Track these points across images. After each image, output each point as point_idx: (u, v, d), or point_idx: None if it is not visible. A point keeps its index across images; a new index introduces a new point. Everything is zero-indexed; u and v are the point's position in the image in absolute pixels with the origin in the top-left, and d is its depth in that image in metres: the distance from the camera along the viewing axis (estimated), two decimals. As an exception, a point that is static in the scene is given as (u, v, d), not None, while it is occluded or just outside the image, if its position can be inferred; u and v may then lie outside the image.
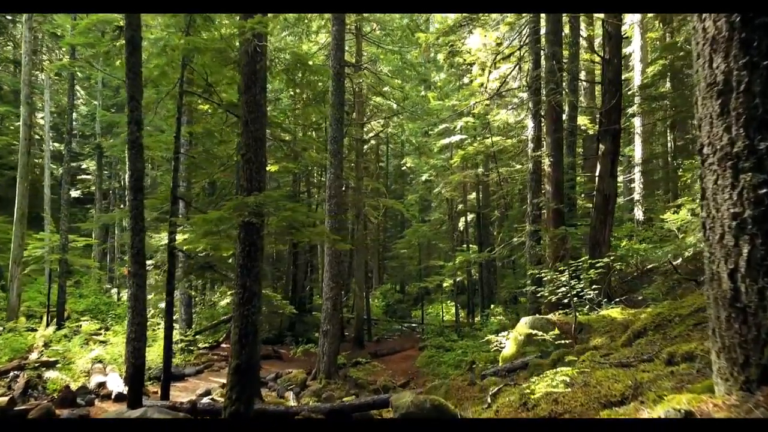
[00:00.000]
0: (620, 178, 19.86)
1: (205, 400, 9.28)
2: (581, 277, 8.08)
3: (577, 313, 8.20)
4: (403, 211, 24.39)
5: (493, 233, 25.65)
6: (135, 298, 7.68)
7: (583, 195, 18.96)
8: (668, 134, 22.61)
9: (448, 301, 27.95)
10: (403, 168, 36.03)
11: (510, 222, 20.02)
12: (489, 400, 5.65)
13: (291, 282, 25.08)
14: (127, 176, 8.29)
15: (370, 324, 23.07)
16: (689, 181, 19.34)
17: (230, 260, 9.67)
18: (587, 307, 8.71)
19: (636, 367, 4.49)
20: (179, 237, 9.73)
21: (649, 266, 16.16)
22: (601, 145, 11.84)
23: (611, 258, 8.25)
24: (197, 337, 16.41)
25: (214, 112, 11.03)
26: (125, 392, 10.52)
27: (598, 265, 7.92)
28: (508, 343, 8.48)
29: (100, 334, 14.97)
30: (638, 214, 22.94)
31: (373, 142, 27.24)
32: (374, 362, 16.14)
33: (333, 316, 13.41)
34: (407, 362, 17.84)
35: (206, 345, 16.08)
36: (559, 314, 8.98)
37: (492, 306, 25.42)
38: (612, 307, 8.71)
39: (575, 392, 4.27)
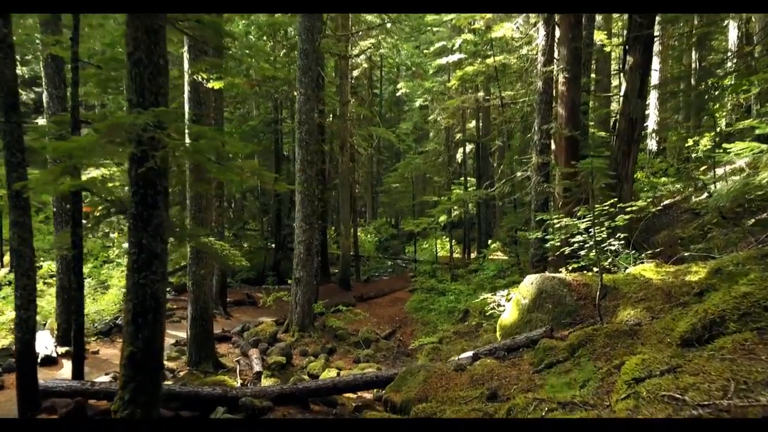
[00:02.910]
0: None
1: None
2: (604, 223, 6.17)
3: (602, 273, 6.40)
4: (393, 141, 22.18)
5: (493, 165, 23.61)
6: (19, 255, 5.81)
7: (594, 122, 16.79)
8: (693, 51, 20.02)
9: (443, 237, 26.35)
10: (398, 94, 33.20)
11: (512, 153, 17.92)
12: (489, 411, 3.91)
13: (275, 217, 23.28)
14: None
15: (358, 263, 21.53)
16: (725, 105, 17.09)
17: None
18: (608, 260, 6.88)
19: None
20: (95, 173, 7.76)
21: (665, 202, 14.28)
22: (628, 57, 9.59)
23: (649, 200, 6.30)
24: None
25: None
26: (55, 355, 8.97)
27: (630, 209, 6.00)
28: (508, 307, 6.73)
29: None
30: (651, 144, 20.79)
31: (365, 65, 24.55)
32: (357, 309, 14.63)
33: (307, 261, 11.67)
34: (396, 306, 16.37)
35: (168, 290, 14.43)
36: (569, 270, 7.18)
37: (490, 243, 23.85)
38: (642, 262, 6.89)
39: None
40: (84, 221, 7.23)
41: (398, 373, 5.57)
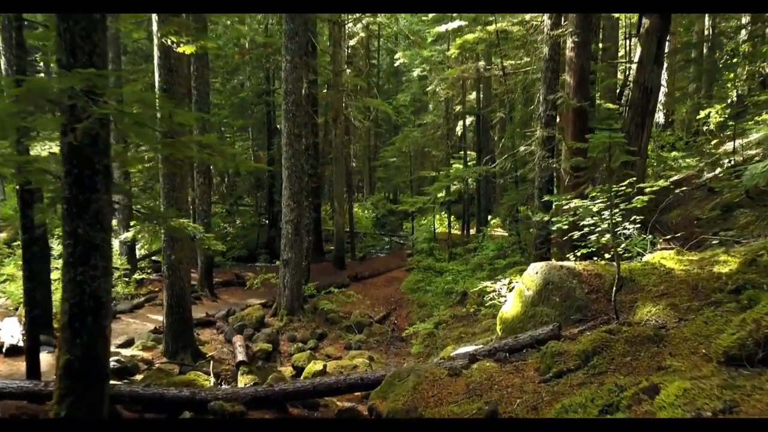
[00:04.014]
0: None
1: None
2: (620, 205, 5.43)
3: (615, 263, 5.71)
4: (390, 114, 21.27)
5: (494, 138, 22.74)
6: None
7: (600, 93, 15.88)
8: (706, 17, 18.96)
9: (442, 212, 25.62)
10: (396, 65, 31.97)
11: (514, 126, 17.06)
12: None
13: (268, 193, 22.50)
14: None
15: (353, 240, 20.88)
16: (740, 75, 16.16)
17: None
18: (622, 246, 6.15)
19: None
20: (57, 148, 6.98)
21: (674, 177, 13.51)
22: (644, 20, 8.71)
23: (669, 182, 5.57)
24: (141, 263, 14.06)
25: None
26: (21, 344, 8.34)
27: (650, 189, 5.26)
28: (510, 298, 6.05)
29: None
30: (658, 116, 19.89)
31: (362, 34, 23.43)
32: (351, 290, 14.02)
33: (295, 242, 10.98)
34: (391, 286, 15.77)
35: (150, 271, 13.75)
36: (577, 257, 6.49)
37: (489, 219, 23.15)
38: (660, 248, 6.19)
39: None
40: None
41: (386, 375, 4.92)
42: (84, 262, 3.84)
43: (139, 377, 7.08)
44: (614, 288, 4.54)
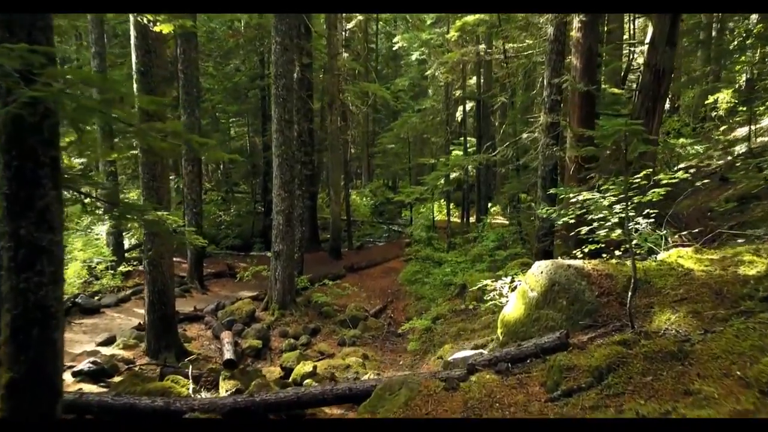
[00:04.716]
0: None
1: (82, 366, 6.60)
2: (633, 199, 4.94)
3: (626, 262, 5.25)
4: (388, 99, 20.66)
5: (495, 124, 22.17)
6: None
7: (605, 76, 15.28)
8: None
9: (441, 200, 25.10)
10: (395, 48, 31.18)
11: (515, 111, 16.48)
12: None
13: (263, 180, 21.96)
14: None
15: (350, 229, 20.40)
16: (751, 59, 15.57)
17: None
18: (633, 242, 5.67)
19: None
20: None
21: (680, 165, 12.99)
22: (657, -3, 8.12)
23: (689, 172, 5.08)
24: (133, 252, 13.60)
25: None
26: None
27: (666, 180, 4.77)
28: (512, 299, 5.59)
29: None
30: (664, 101, 19.20)
31: (359, 16, 22.71)
32: (347, 281, 13.58)
33: (287, 233, 10.51)
34: (388, 277, 15.34)
35: (137, 263, 13.27)
36: (585, 254, 6.02)
37: (490, 206, 22.67)
38: (673, 244, 5.71)
39: None
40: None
41: (376, 387, 4.47)
42: (29, 267, 3.38)
43: (117, 379, 6.66)
44: (630, 292, 4.07)
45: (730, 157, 12.10)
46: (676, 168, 12.75)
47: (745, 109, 15.85)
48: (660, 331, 3.92)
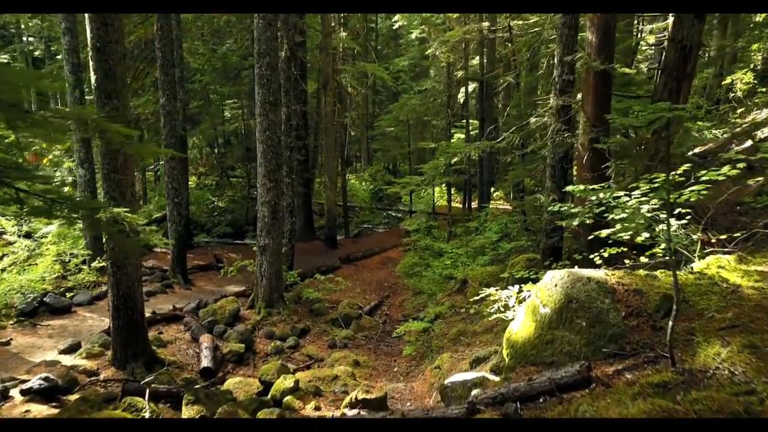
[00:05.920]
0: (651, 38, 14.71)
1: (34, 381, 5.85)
2: (660, 197, 4.08)
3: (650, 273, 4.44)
4: (386, 79, 19.68)
5: (498, 106, 21.17)
6: None
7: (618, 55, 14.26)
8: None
9: (442, 185, 24.23)
10: (395, 27, 29.98)
11: (521, 93, 15.52)
12: None
13: (256, 166, 21.07)
14: None
15: (347, 216, 19.59)
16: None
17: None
18: (673, 249, 4.83)
19: None
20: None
21: (695, 150, 12.08)
22: (684, -38, 7.16)
23: (736, 165, 4.21)
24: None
25: None
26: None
27: (707, 177, 3.92)
28: (520, 314, 4.79)
29: None
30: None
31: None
32: (340, 275, 12.81)
33: (273, 226, 9.71)
34: (385, 269, 14.60)
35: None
36: (601, 259, 5.18)
37: (492, 191, 21.84)
38: (711, 251, 4.88)
39: None
40: None
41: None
42: None
43: (74, 397, 5.92)
44: (671, 320, 3.26)
45: (750, 142, 11.19)
46: (690, 153, 11.88)
47: (765, 90, 14.90)
48: (708, 370, 3.12)
